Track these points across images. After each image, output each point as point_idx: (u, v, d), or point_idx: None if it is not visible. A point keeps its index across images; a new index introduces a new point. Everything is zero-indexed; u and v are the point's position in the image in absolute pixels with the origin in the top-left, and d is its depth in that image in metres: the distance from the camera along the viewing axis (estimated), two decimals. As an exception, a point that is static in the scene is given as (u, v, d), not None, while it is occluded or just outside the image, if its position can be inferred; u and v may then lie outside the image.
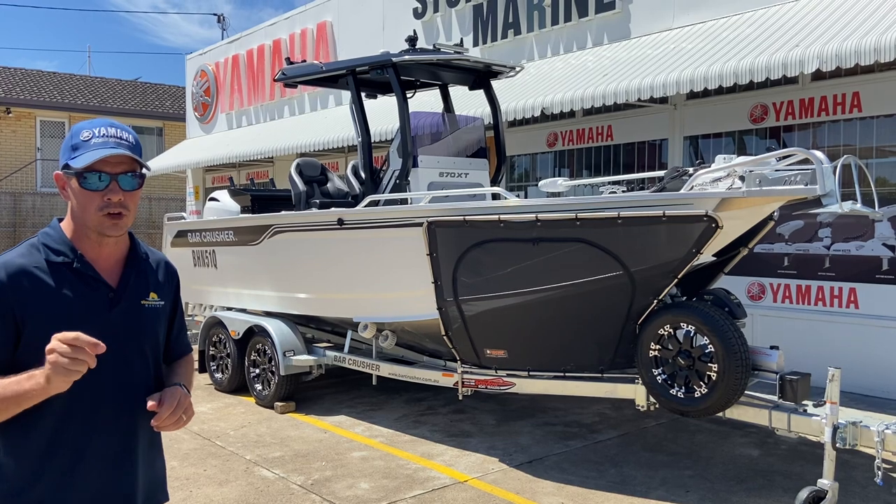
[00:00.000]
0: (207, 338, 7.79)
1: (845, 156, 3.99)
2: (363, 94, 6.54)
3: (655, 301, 4.64)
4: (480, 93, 6.99)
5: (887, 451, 3.99)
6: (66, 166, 1.81)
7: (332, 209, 6.29)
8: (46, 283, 1.78)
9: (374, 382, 6.57)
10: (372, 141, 6.40)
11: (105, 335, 1.79)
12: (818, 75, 6.88)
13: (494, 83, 6.91)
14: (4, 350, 1.74)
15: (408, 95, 6.24)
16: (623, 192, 5.16)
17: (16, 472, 1.77)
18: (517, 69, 6.79)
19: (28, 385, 1.64)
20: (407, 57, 6.00)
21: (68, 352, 1.58)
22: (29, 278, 1.77)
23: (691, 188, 4.37)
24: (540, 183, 5.85)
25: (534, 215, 4.82)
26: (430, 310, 5.49)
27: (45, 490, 1.78)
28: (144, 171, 1.87)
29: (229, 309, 7.68)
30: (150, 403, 1.82)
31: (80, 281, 1.82)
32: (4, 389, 1.66)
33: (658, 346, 4.57)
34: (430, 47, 6.31)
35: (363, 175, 6.34)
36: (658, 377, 4.57)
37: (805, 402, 4.36)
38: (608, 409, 6.57)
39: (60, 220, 1.91)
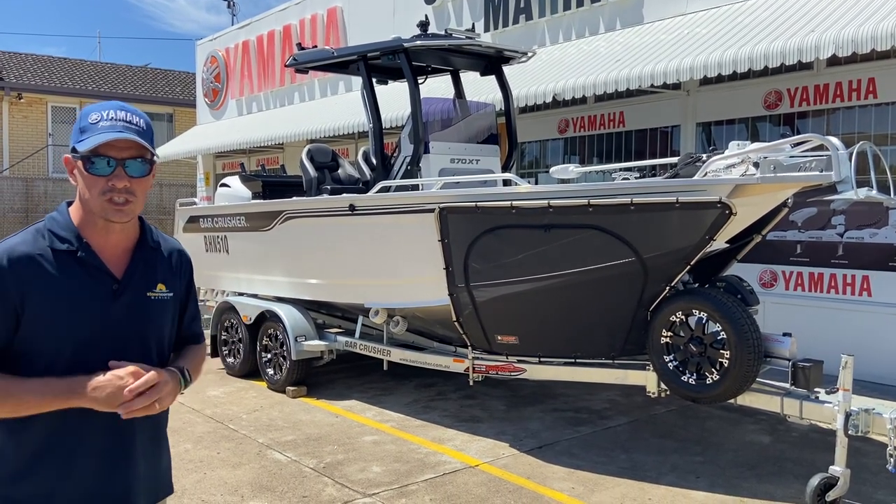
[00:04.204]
0: (219, 323, 7.84)
1: (861, 142, 3.96)
2: (374, 80, 6.52)
3: (668, 288, 4.64)
4: (492, 79, 6.96)
5: (899, 439, 3.98)
6: (74, 150, 1.77)
7: (344, 195, 6.29)
8: (49, 271, 1.73)
9: (384, 368, 6.59)
10: (383, 127, 6.39)
11: (106, 327, 1.77)
12: (833, 61, 6.82)
13: (506, 69, 6.87)
14: (2, 337, 1.70)
15: (419, 81, 6.23)
16: (636, 178, 5.13)
17: (12, 462, 1.74)
18: (529, 55, 6.74)
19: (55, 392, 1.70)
20: (419, 42, 5.97)
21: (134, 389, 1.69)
22: (32, 266, 1.71)
23: (705, 174, 4.35)
24: (551, 169, 5.83)
25: (546, 202, 4.81)
26: (441, 296, 5.50)
27: (39, 483, 1.74)
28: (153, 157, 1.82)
29: (241, 294, 7.72)
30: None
31: (84, 270, 1.76)
32: (45, 388, 1.69)
33: (670, 333, 4.57)
34: (442, 33, 6.27)
35: (374, 161, 6.33)
36: (669, 364, 4.57)
37: (817, 389, 4.36)
38: (618, 395, 6.58)
39: (70, 203, 1.85)
